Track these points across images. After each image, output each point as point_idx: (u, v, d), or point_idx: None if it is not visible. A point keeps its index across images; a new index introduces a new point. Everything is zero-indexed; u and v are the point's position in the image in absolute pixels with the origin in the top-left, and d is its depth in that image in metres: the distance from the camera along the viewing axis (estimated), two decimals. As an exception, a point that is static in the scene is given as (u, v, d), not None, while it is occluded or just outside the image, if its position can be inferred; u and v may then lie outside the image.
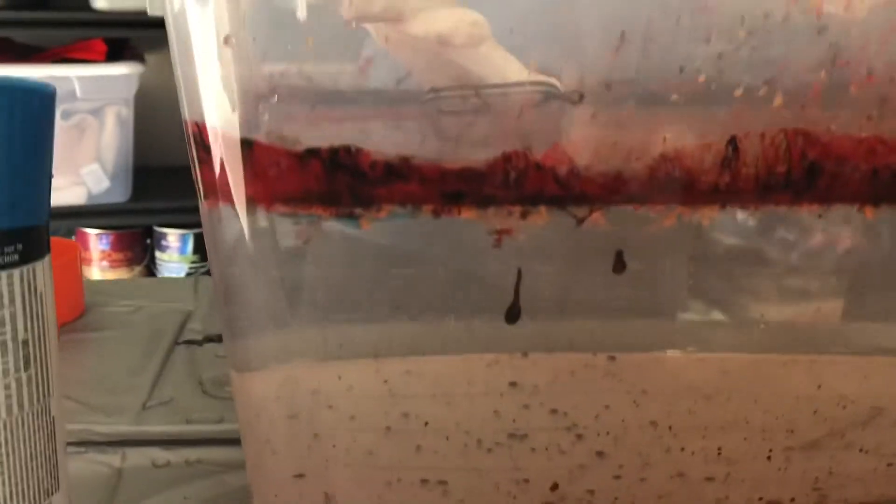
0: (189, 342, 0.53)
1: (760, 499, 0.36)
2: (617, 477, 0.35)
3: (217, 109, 0.27)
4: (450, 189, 0.28)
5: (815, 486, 0.36)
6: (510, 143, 0.28)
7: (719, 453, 0.35)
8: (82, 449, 0.41)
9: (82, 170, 1.49)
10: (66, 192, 1.48)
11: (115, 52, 1.56)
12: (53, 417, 0.30)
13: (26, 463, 0.29)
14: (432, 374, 0.34)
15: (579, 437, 0.35)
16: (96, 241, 1.60)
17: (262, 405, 0.33)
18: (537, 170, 0.28)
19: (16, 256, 0.27)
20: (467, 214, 0.29)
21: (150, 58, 1.62)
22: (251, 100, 0.26)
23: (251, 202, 0.27)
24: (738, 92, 0.28)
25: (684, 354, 0.34)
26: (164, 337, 0.54)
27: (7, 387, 0.28)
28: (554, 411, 0.34)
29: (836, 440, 0.36)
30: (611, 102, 0.28)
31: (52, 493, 0.30)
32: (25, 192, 0.27)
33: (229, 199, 0.28)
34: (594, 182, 0.29)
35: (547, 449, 0.35)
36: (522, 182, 0.28)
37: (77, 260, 0.56)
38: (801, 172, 0.29)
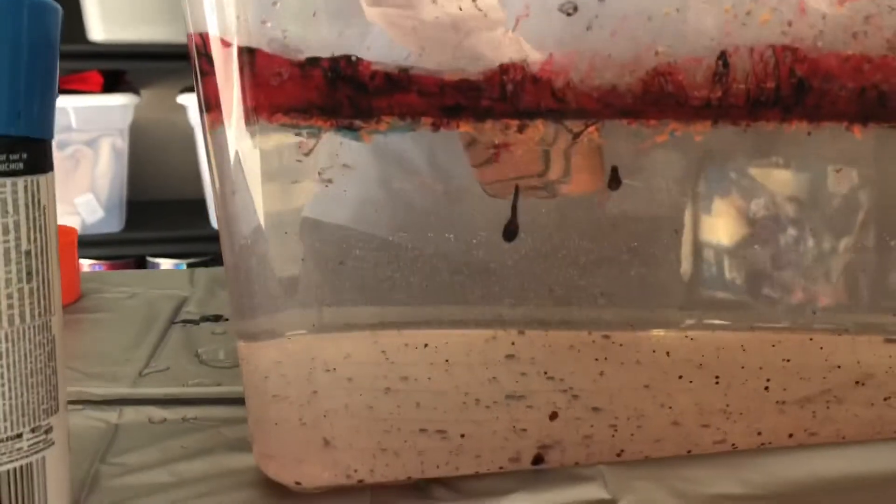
0: (185, 322, 0.53)
1: (759, 433, 0.36)
2: (612, 426, 0.35)
3: (219, 18, 0.27)
4: (448, 102, 0.29)
5: (809, 430, 0.37)
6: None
7: (713, 408, 0.36)
8: (79, 406, 0.41)
9: (76, 200, 1.49)
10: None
11: (111, 84, 1.57)
12: (54, 336, 0.30)
13: (27, 378, 0.28)
14: (430, 347, 0.34)
15: (575, 397, 0.35)
16: (89, 270, 1.60)
17: (266, 369, 0.33)
18: (534, 83, 0.29)
19: (20, 165, 0.27)
20: (465, 128, 0.29)
21: (146, 90, 1.64)
22: (253, 7, 0.27)
23: (253, 113, 0.28)
24: (727, 5, 0.29)
25: (678, 333, 0.35)
26: (161, 318, 0.54)
27: (10, 297, 0.28)
28: (550, 377, 0.35)
29: (828, 396, 0.36)
30: (605, 14, 0.29)
31: (52, 414, 0.29)
32: (31, 103, 0.28)
33: (231, 111, 0.28)
34: (589, 96, 0.29)
35: (543, 407, 0.35)
36: (519, 95, 0.29)
37: (74, 244, 0.56)
38: (789, 89, 0.30)
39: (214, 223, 1.20)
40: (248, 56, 0.27)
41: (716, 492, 0.33)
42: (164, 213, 1.66)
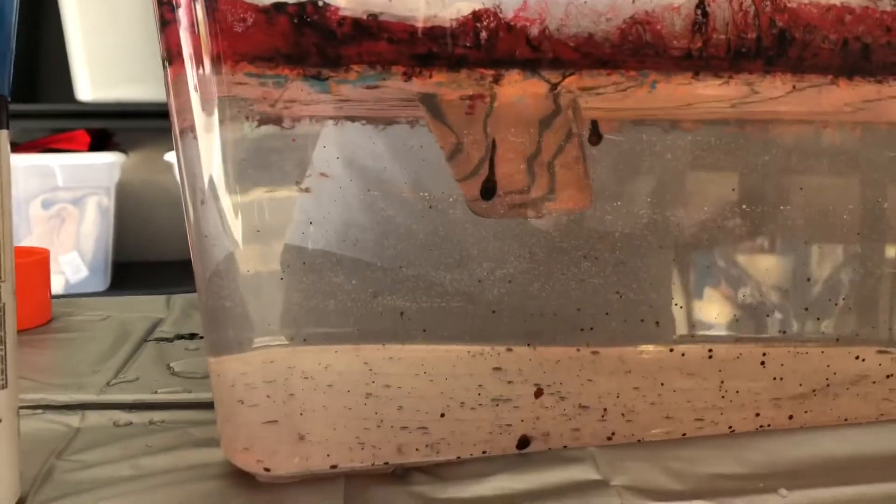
0: (159, 339, 0.51)
1: (757, 415, 0.34)
2: (601, 419, 0.34)
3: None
4: (420, 50, 0.28)
5: (809, 412, 0.35)
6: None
7: (707, 406, 0.34)
8: (38, 411, 0.39)
9: (61, 258, 1.48)
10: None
11: (99, 145, 1.58)
12: (4, 304, 0.28)
13: (-28, 345, 0.27)
14: (415, 360, 0.33)
15: (562, 398, 0.34)
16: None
17: (237, 378, 0.31)
18: (508, 30, 0.28)
19: (-28, 115, 0.26)
20: (438, 77, 0.28)
21: (133, 152, 1.65)
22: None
23: (216, 62, 0.27)
24: (703, -49, 0.28)
25: (667, 347, 0.33)
26: (133, 336, 0.52)
27: (-45, 254, 0.26)
28: (537, 384, 0.33)
29: (825, 392, 0.35)
30: (578, -41, 0.28)
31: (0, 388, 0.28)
32: (-15, 54, 0.27)
33: (195, 60, 0.27)
34: (566, 45, 0.28)
35: (529, 407, 0.33)
36: (493, 43, 0.28)
37: (47, 263, 0.54)
38: (771, 40, 0.29)
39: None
40: (212, 1, 0.26)
41: (713, 471, 0.31)
42: (150, 273, 1.64)
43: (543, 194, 0.30)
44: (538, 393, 0.32)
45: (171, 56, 0.28)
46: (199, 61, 0.27)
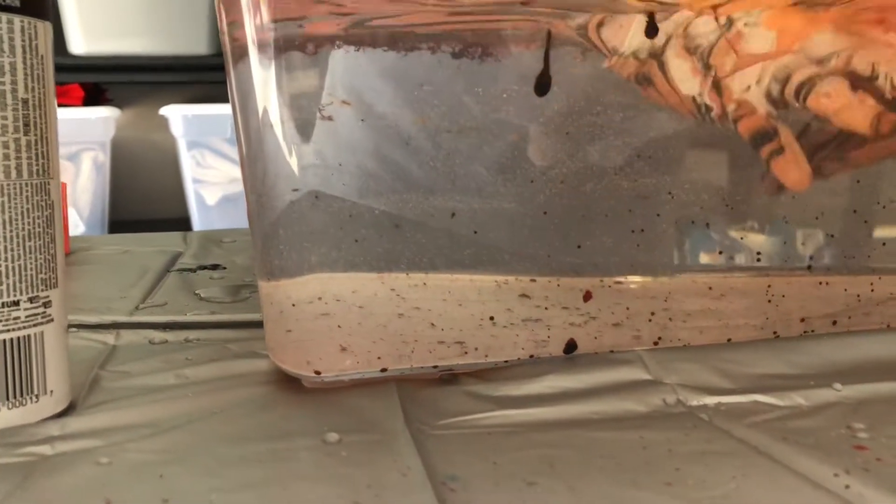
0: (182, 270, 0.51)
1: (802, 320, 0.34)
2: (636, 338, 0.34)
3: None
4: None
5: (852, 317, 0.35)
6: None
7: (747, 315, 0.34)
8: (72, 329, 0.38)
9: (57, 214, 1.46)
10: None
11: (92, 101, 1.56)
12: (53, 202, 0.27)
13: (24, 241, 0.26)
14: (440, 287, 0.32)
15: (594, 318, 0.33)
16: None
17: (285, 298, 0.31)
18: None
19: (17, 1, 0.25)
20: None
21: (128, 108, 1.63)
22: None
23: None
24: None
25: (693, 278, 0.33)
26: (155, 268, 0.51)
27: (6, 146, 0.26)
28: (566, 307, 0.33)
29: (855, 312, 0.35)
30: None
31: (51, 287, 0.27)
32: (30, -61, 0.26)
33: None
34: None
35: (562, 327, 0.33)
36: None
37: (65, 193, 0.54)
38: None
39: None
40: None
41: (762, 371, 0.31)
42: (147, 231, 1.63)
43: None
44: (587, 296, 0.32)
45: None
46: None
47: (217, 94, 1.55)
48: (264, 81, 0.29)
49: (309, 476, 0.23)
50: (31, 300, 0.27)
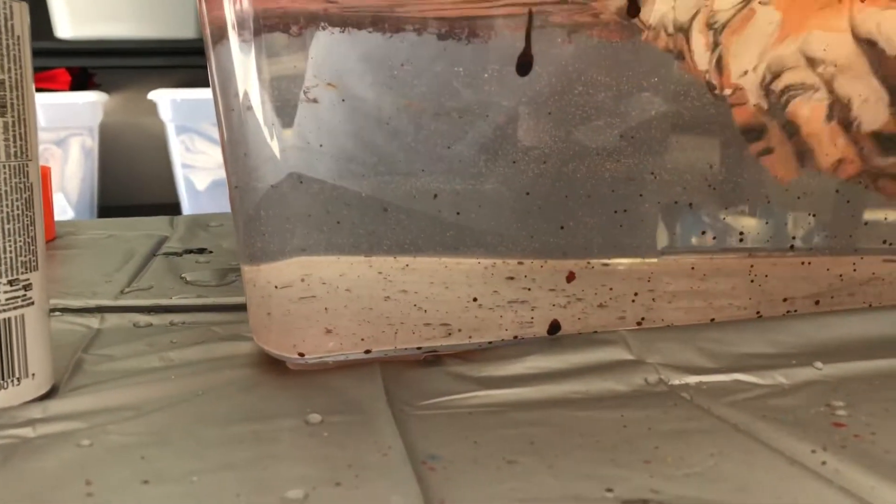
0: (168, 254, 0.51)
1: (785, 300, 0.34)
2: (620, 318, 0.34)
3: None
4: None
5: (832, 296, 0.35)
6: None
7: (731, 296, 0.34)
8: (56, 313, 0.38)
9: (45, 200, 1.46)
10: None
11: (80, 86, 1.54)
12: (32, 185, 0.27)
13: (2, 223, 0.26)
14: (427, 271, 0.32)
15: (578, 299, 0.33)
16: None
17: (268, 282, 0.31)
18: None
19: (-7, -19, 0.25)
20: None
21: (116, 93, 1.61)
22: None
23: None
24: None
25: (677, 258, 0.33)
26: (141, 251, 0.51)
27: (-18, 126, 0.25)
28: (552, 289, 0.33)
29: (840, 293, 0.35)
30: None
31: (31, 270, 0.27)
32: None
33: None
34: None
35: (547, 308, 0.33)
36: None
37: (48, 179, 0.53)
38: None
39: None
40: None
41: (744, 351, 0.31)
42: (136, 216, 1.62)
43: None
44: (570, 277, 0.32)
45: None
46: None
47: (206, 78, 1.54)
48: (244, 63, 0.28)
49: (290, 457, 0.23)
50: (10, 283, 0.26)
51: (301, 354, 0.30)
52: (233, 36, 0.28)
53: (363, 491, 0.20)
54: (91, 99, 1.47)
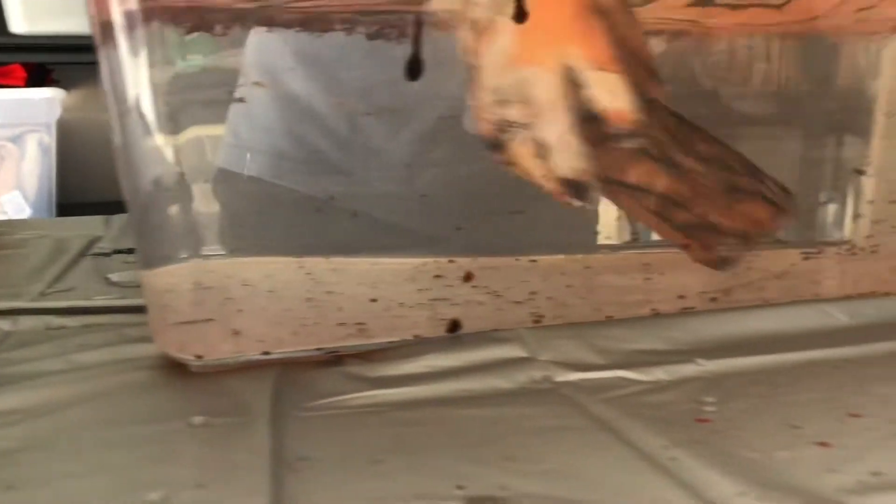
0: (97, 254, 0.51)
1: (681, 297, 0.35)
2: (534, 314, 0.34)
3: None
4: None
5: (731, 295, 0.36)
6: None
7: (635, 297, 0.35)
8: (-32, 316, 0.38)
9: (2, 197, 1.44)
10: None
11: (36, 79, 1.53)
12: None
13: None
14: (359, 272, 0.33)
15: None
16: None
17: (167, 287, 0.32)
18: None
19: None
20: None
21: (74, 90, 1.60)
22: None
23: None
24: None
25: (603, 256, 0.34)
26: (71, 251, 0.51)
27: None
28: (449, 287, 0.33)
29: (749, 287, 0.36)
30: None
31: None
32: None
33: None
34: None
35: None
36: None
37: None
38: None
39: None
40: None
41: (635, 347, 0.32)
42: (96, 214, 1.61)
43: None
44: (468, 277, 0.33)
45: None
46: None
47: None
48: (134, 63, 0.28)
49: (163, 458, 0.23)
50: None
51: (199, 357, 0.31)
52: (121, 36, 0.28)
53: (222, 493, 0.21)
54: (47, 95, 1.45)
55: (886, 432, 0.24)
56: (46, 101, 1.45)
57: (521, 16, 0.30)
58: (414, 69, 0.29)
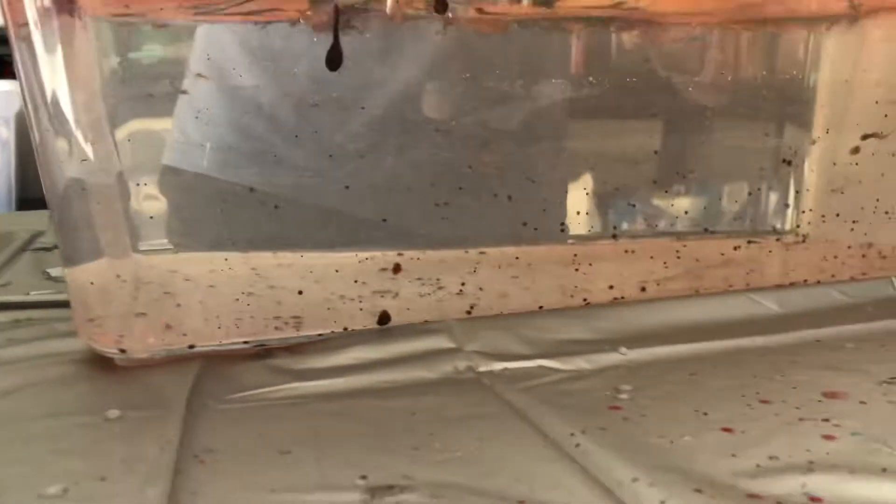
0: (38, 249, 0.50)
1: (611, 287, 0.35)
2: (448, 308, 0.34)
3: None
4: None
5: (661, 284, 0.36)
6: None
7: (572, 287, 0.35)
8: None
9: (-41, 192, 1.42)
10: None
11: (-4, 73, 1.50)
12: None
13: None
14: (304, 266, 0.33)
15: (405, 290, 0.34)
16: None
17: (90, 283, 0.31)
18: None
19: None
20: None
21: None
22: None
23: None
24: None
25: (502, 249, 0.34)
26: (12, 246, 0.51)
27: None
28: (378, 280, 0.33)
29: (690, 275, 0.36)
30: None
31: None
32: None
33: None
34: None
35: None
36: None
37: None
38: None
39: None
40: None
41: (563, 337, 0.32)
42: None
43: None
44: (396, 269, 0.33)
45: None
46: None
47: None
48: (50, 55, 0.28)
49: (72, 452, 0.23)
50: None
51: (122, 351, 0.31)
52: (35, 30, 0.28)
53: (123, 485, 0.21)
54: (6, 88, 1.43)
55: (790, 417, 0.24)
56: (4, 94, 1.42)
57: (442, 7, 0.30)
58: (334, 59, 0.29)
